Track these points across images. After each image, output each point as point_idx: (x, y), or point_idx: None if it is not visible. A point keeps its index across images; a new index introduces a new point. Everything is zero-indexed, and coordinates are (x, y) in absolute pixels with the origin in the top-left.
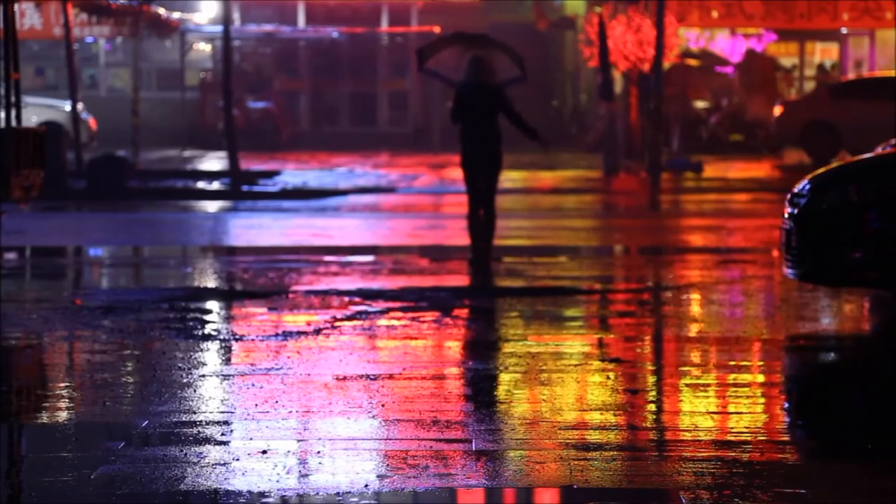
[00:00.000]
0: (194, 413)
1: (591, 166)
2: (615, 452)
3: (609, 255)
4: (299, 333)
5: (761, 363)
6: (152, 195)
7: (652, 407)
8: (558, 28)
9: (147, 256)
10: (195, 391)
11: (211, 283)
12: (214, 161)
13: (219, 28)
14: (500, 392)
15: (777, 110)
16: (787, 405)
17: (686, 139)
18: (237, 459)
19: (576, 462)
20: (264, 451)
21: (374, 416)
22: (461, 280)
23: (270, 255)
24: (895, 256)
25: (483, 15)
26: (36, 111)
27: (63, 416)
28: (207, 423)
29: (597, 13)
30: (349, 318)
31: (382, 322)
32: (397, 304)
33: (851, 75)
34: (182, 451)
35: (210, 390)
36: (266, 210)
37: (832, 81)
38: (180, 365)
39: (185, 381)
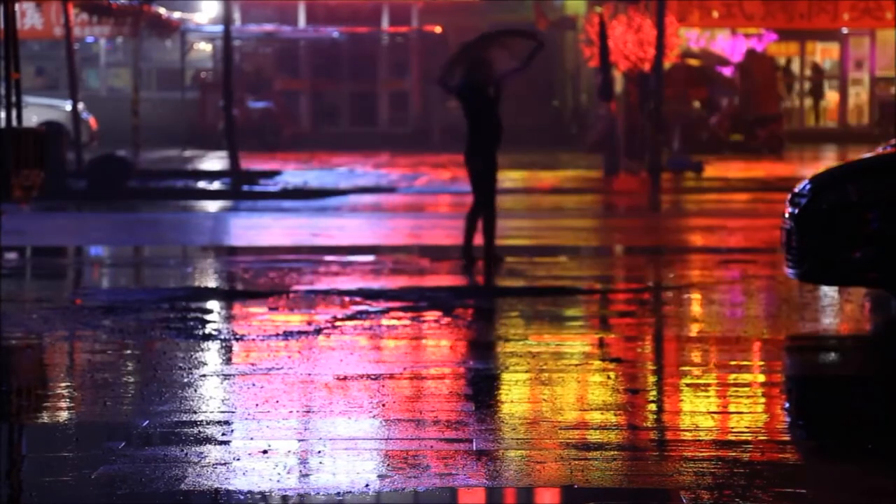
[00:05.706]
0: (195, 413)
1: (591, 166)
2: (615, 452)
3: (609, 255)
4: (300, 333)
5: (761, 363)
6: (152, 195)
7: (652, 407)
8: (558, 28)
9: (147, 256)
10: (196, 391)
11: (211, 282)
12: (215, 161)
13: (219, 28)
14: (501, 392)
15: None
16: (787, 405)
17: (686, 139)
18: (238, 459)
19: (576, 462)
20: (265, 451)
21: (374, 416)
22: (461, 280)
23: (271, 254)
24: (895, 256)
25: (483, 15)
26: (36, 111)
27: (63, 416)
28: (208, 423)
29: (597, 13)
30: (350, 318)
31: (383, 322)
32: (398, 304)
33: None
34: (182, 450)
35: (210, 390)
36: (266, 210)
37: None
38: (181, 365)
39: (185, 380)
